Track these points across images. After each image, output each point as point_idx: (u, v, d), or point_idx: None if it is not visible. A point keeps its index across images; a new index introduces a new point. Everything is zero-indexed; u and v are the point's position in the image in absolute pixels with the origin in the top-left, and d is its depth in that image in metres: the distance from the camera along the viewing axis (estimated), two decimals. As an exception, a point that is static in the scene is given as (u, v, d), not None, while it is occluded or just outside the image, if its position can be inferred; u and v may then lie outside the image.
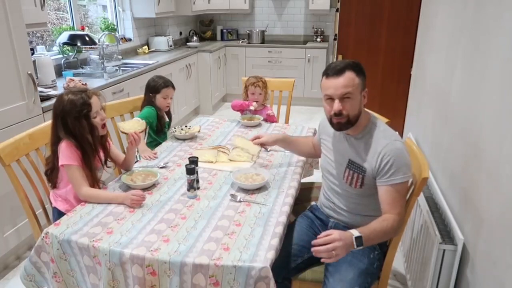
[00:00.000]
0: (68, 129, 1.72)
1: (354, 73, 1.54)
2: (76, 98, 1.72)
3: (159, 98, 2.50)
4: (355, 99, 1.55)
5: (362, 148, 1.61)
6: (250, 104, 2.82)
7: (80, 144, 1.73)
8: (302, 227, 1.78)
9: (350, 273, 1.54)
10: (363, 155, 1.60)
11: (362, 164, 1.60)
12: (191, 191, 1.73)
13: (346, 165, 1.66)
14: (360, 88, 1.56)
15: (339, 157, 1.70)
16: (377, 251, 1.65)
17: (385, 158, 1.53)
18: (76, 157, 1.72)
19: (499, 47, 1.50)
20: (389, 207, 1.53)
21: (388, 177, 1.53)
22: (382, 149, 1.55)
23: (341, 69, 1.54)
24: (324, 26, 5.88)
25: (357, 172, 1.61)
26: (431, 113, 2.40)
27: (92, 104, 1.75)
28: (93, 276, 1.48)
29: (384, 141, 1.56)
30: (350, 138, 1.66)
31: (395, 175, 1.52)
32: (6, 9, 2.19)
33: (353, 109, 1.56)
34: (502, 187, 1.36)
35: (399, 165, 1.52)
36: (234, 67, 5.84)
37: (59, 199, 1.84)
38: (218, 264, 1.32)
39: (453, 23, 2.14)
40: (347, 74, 1.53)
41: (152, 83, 2.52)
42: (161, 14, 4.68)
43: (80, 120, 1.73)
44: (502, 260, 1.33)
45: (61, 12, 3.82)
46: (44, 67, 2.94)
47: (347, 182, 1.65)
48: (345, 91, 1.53)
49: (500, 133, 1.41)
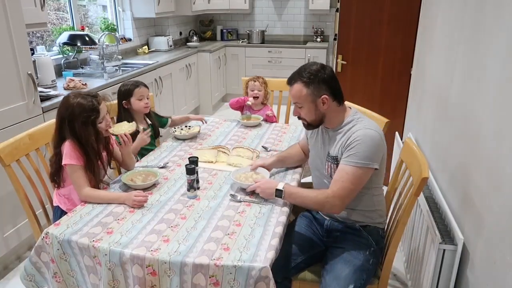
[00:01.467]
0: (74, 133, 1.72)
1: (302, 84, 1.61)
2: (85, 102, 1.71)
3: (134, 101, 2.33)
4: (305, 107, 1.64)
5: (339, 139, 1.65)
6: (246, 100, 2.81)
7: (84, 148, 1.73)
8: (301, 227, 1.80)
9: (345, 270, 1.56)
10: (337, 145, 1.64)
11: (335, 154, 1.64)
12: (191, 191, 1.73)
13: (325, 158, 1.70)
14: (311, 98, 1.61)
15: (320, 152, 1.75)
16: (373, 247, 1.66)
17: (353, 138, 1.57)
18: (79, 157, 1.72)
19: (499, 47, 1.50)
20: (332, 184, 1.58)
21: (346, 157, 1.57)
22: (354, 132, 1.59)
23: (290, 80, 1.65)
24: (324, 26, 5.88)
25: (334, 163, 1.65)
26: (431, 113, 2.40)
27: (100, 111, 1.75)
28: (93, 276, 1.48)
29: (357, 128, 1.61)
30: (329, 131, 1.71)
31: (352, 158, 1.55)
32: (6, 9, 2.19)
33: (308, 116, 1.66)
34: (502, 187, 1.36)
35: (360, 149, 1.54)
36: (234, 67, 5.84)
37: (63, 198, 1.84)
38: (218, 264, 1.32)
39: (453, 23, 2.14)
40: (295, 86, 1.63)
41: (123, 88, 2.35)
42: (161, 14, 4.68)
43: (87, 125, 1.72)
44: (502, 260, 1.33)
45: (61, 12, 3.82)
46: (44, 67, 2.94)
47: (328, 174, 1.69)
48: (294, 101, 1.66)
49: (500, 133, 1.42)
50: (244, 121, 2.71)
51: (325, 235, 1.75)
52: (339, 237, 1.70)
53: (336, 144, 1.65)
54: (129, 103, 2.35)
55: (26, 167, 1.82)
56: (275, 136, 2.52)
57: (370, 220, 1.70)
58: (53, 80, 3.00)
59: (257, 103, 2.86)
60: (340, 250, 1.65)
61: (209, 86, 5.33)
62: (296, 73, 1.64)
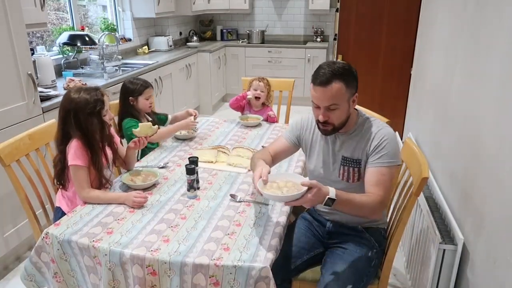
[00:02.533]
0: (80, 126, 1.72)
1: (342, 82, 1.48)
2: (89, 94, 1.73)
3: (142, 100, 2.36)
4: (341, 109, 1.52)
5: (356, 141, 1.61)
6: (245, 95, 2.81)
7: (89, 141, 1.73)
8: (300, 229, 1.77)
9: (345, 270, 1.54)
10: (357, 148, 1.60)
11: (357, 157, 1.60)
12: (191, 191, 1.73)
13: (340, 162, 1.64)
14: (348, 96, 1.52)
15: (327, 157, 1.67)
16: (375, 249, 1.65)
17: (378, 139, 1.55)
18: (85, 158, 1.72)
19: (499, 47, 1.50)
20: (373, 188, 1.52)
21: (378, 158, 1.54)
22: (375, 133, 1.57)
23: (327, 80, 1.47)
24: (324, 26, 5.88)
25: (353, 167, 1.61)
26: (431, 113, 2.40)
27: (105, 101, 1.76)
28: (94, 276, 1.48)
29: (377, 127, 1.58)
30: (342, 136, 1.64)
31: (385, 158, 1.53)
32: (6, 9, 2.19)
33: (339, 118, 1.54)
34: (502, 187, 1.36)
35: (390, 149, 1.53)
36: (234, 67, 5.84)
37: (66, 199, 1.84)
38: (218, 264, 1.32)
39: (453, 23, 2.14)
40: (334, 85, 1.47)
41: (131, 86, 2.36)
42: (161, 14, 4.68)
43: (93, 116, 1.73)
44: (502, 260, 1.33)
45: (61, 12, 3.81)
46: (44, 67, 2.94)
47: (344, 179, 1.64)
48: (330, 103, 1.50)
49: (500, 133, 1.42)
50: (244, 121, 2.71)
51: (326, 237, 1.73)
52: (341, 239, 1.68)
53: (356, 147, 1.60)
54: (136, 100, 2.37)
55: (26, 167, 1.82)
56: (275, 136, 2.52)
57: (373, 222, 1.69)
58: (53, 80, 3.00)
59: (258, 104, 2.86)
60: (341, 250, 1.63)
61: (209, 86, 5.33)
62: (328, 72, 1.48)
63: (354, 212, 1.52)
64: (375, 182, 1.52)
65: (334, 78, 1.47)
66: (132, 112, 2.37)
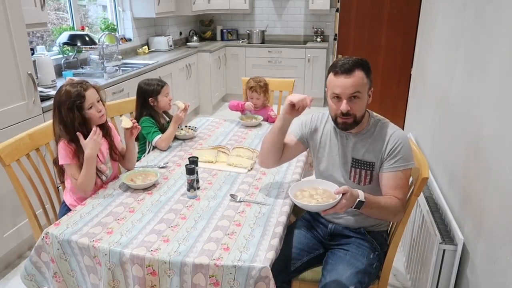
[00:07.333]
0: (62, 120, 1.75)
1: (363, 72, 1.50)
2: (72, 89, 1.75)
3: (162, 98, 2.38)
4: (363, 98, 1.52)
5: (368, 143, 1.60)
6: (243, 105, 2.81)
7: (72, 136, 1.75)
8: (300, 230, 1.76)
9: (346, 272, 1.53)
10: (369, 150, 1.59)
11: (369, 159, 1.59)
12: (191, 191, 1.73)
13: (351, 164, 1.63)
14: (368, 87, 1.54)
15: (337, 158, 1.66)
16: (377, 251, 1.65)
17: (394, 143, 1.55)
18: (72, 155, 1.76)
19: (499, 47, 1.50)
20: (392, 192, 1.53)
21: (395, 162, 1.54)
22: (390, 136, 1.57)
23: (350, 67, 1.48)
24: (324, 26, 5.88)
25: (365, 169, 1.60)
26: (431, 113, 2.40)
27: (86, 96, 1.76)
28: (94, 276, 1.48)
29: (390, 130, 1.58)
30: (353, 137, 1.62)
31: (401, 162, 1.53)
32: (6, 9, 2.19)
33: (360, 109, 1.54)
34: (502, 187, 1.36)
35: (406, 152, 1.54)
36: (234, 67, 5.84)
37: (68, 192, 1.88)
38: (218, 264, 1.32)
39: (453, 23, 2.14)
40: (357, 73, 1.48)
41: (149, 87, 2.36)
42: (161, 14, 4.68)
43: (73, 110, 1.75)
44: (502, 260, 1.33)
45: (61, 12, 3.82)
46: (44, 67, 2.94)
47: (355, 181, 1.63)
48: (354, 90, 1.49)
49: (500, 133, 1.42)
50: (244, 121, 2.71)
51: (328, 238, 1.71)
52: (343, 240, 1.67)
53: (368, 149, 1.59)
54: (156, 100, 2.38)
55: (26, 167, 1.82)
56: (275, 136, 2.52)
57: (376, 224, 1.68)
58: (53, 80, 3.00)
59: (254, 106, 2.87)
60: (343, 252, 1.62)
61: (209, 86, 5.33)
62: (351, 61, 1.49)
63: (379, 214, 1.52)
64: (393, 186, 1.54)
65: (356, 66, 1.49)
66: (151, 113, 2.38)
